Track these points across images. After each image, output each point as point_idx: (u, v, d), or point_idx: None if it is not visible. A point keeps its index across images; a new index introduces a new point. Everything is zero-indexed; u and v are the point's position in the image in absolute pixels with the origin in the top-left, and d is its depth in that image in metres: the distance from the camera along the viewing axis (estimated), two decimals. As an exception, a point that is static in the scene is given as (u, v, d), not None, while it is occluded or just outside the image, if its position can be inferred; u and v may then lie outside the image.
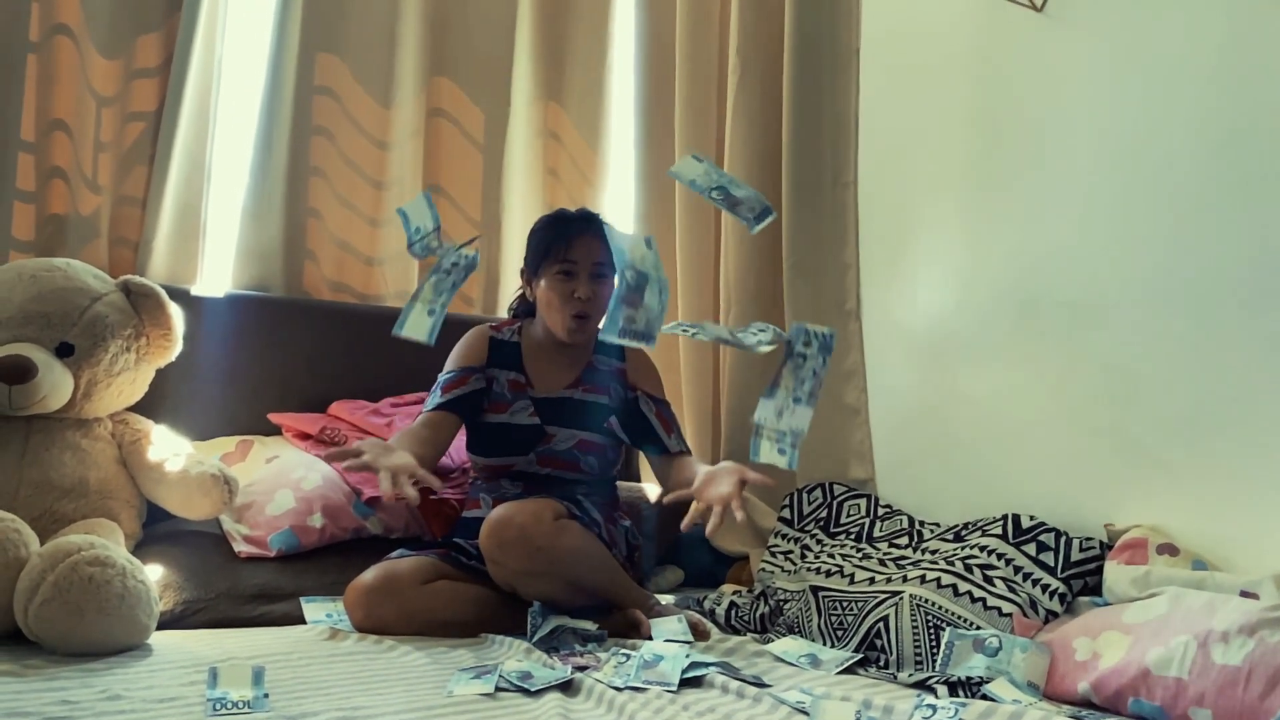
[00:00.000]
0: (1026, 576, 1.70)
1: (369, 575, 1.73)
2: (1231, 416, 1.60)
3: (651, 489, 2.40)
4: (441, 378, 1.97)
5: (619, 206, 2.79)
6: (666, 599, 2.05)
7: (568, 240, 1.93)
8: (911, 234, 2.26)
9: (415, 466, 1.62)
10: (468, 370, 1.96)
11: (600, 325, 1.84)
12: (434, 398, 1.94)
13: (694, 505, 1.64)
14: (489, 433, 1.97)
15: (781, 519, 2.29)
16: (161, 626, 1.60)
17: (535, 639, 1.63)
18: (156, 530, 1.94)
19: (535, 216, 2.69)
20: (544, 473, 1.94)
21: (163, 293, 1.95)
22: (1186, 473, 1.66)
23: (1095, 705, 1.38)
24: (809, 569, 1.98)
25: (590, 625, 1.69)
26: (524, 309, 2.10)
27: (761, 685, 1.44)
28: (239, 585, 1.80)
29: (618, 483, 2.11)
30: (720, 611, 1.95)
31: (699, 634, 1.75)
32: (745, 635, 1.84)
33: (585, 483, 1.97)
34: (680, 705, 1.34)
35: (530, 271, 2.00)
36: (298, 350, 2.32)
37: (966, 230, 2.14)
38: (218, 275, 2.36)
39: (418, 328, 1.65)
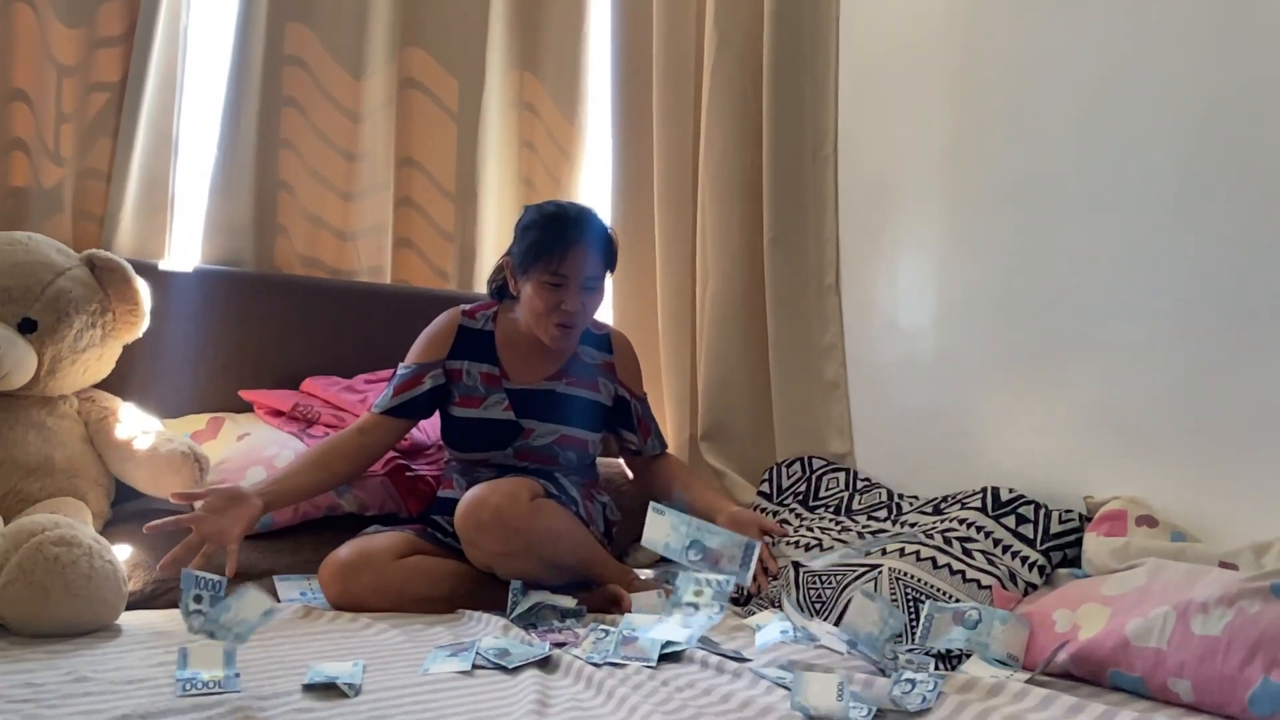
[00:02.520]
0: (1006, 549, 1.70)
1: (344, 550, 1.71)
2: (1211, 388, 1.60)
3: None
4: (398, 371, 1.91)
5: (596, 180, 2.76)
6: (646, 574, 2.04)
7: (562, 252, 1.81)
8: (893, 207, 2.24)
9: (231, 540, 1.59)
10: (423, 368, 1.89)
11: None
12: (384, 396, 1.88)
13: None
14: (462, 428, 1.90)
15: (760, 493, 2.28)
16: (131, 607, 1.57)
17: (513, 615, 1.61)
18: (126, 509, 1.91)
19: (511, 189, 2.67)
20: (520, 465, 1.89)
21: (128, 267, 1.91)
22: (1165, 444, 1.66)
23: (1075, 677, 1.38)
24: (788, 543, 1.97)
25: (570, 601, 1.67)
26: (505, 290, 1.98)
27: (741, 660, 1.43)
28: (211, 564, 1.76)
29: (596, 459, 2.09)
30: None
31: (678, 609, 1.74)
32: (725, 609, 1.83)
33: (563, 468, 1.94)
34: (660, 680, 1.33)
35: (516, 266, 1.88)
36: (269, 326, 2.27)
37: (948, 203, 2.12)
38: (186, 250, 2.31)
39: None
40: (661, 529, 1.51)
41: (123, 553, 1.66)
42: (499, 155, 2.64)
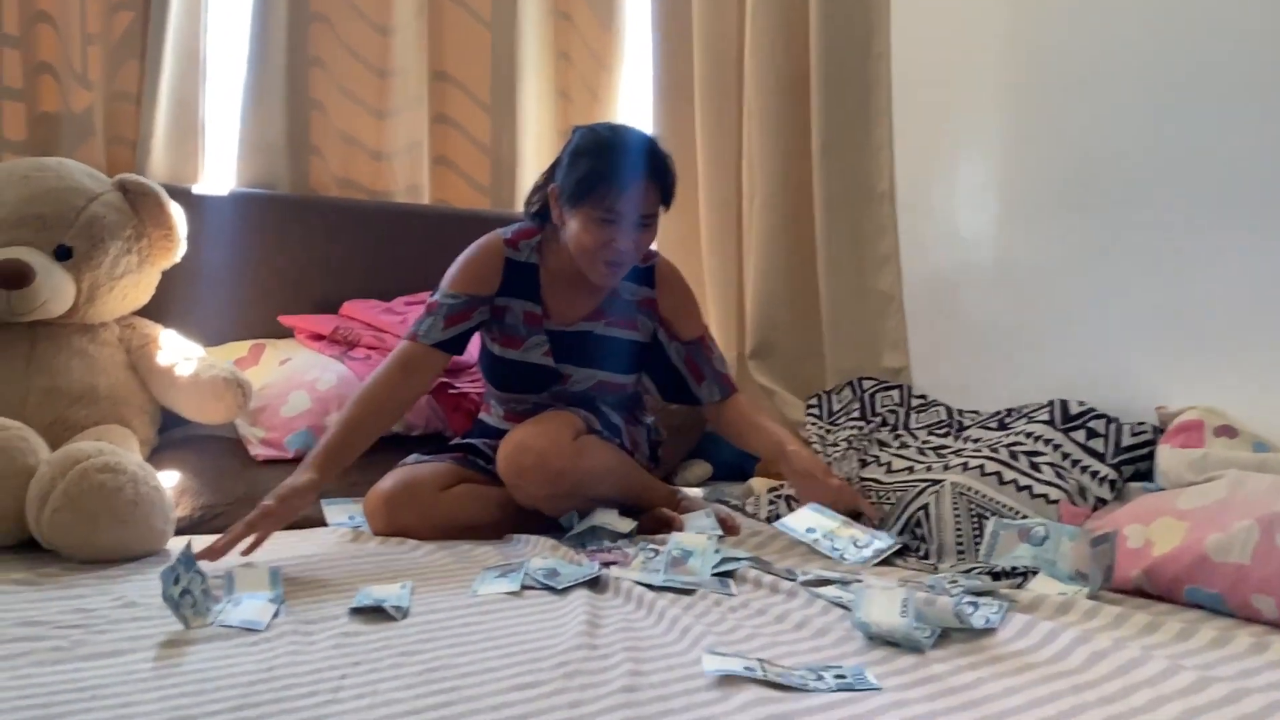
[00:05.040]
0: (1075, 463, 1.62)
1: (387, 482, 1.67)
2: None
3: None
4: (444, 299, 1.72)
5: (635, 90, 2.65)
6: (695, 492, 2.00)
7: (618, 188, 1.62)
8: (950, 107, 2.12)
9: (270, 533, 1.46)
10: (475, 301, 1.72)
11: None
12: (433, 325, 1.70)
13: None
14: (501, 367, 1.79)
15: (809, 413, 2.22)
16: (180, 532, 1.57)
17: (567, 536, 1.59)
18: (173, 435, 1.91)
19: (548, 103, 2.57)
20: (558, 406, 1.78)
21: (161, 191, 1.87)
22: (1244, 350, 1.57)
23: (1149, 594, 1.31)
24: (840, 458, 1.91)
25: (626, 524, 1.63)
26: (544, 213, 1.77)
27: (795, 579, 1.38)
28: (257, 489, 1.74)
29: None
30: (756, 503, 1.89)
31: (729, 529, 1.70)
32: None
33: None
34: (712, 600, 1.29)
35: (564, 196, 1.68)
36: (307, 250, 2.24)
37: (1008, 103, 2.00)
38: (220, 173, 2.27)
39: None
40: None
41: (170, 479, 1.65)
42: (536, 66, 2.55)
